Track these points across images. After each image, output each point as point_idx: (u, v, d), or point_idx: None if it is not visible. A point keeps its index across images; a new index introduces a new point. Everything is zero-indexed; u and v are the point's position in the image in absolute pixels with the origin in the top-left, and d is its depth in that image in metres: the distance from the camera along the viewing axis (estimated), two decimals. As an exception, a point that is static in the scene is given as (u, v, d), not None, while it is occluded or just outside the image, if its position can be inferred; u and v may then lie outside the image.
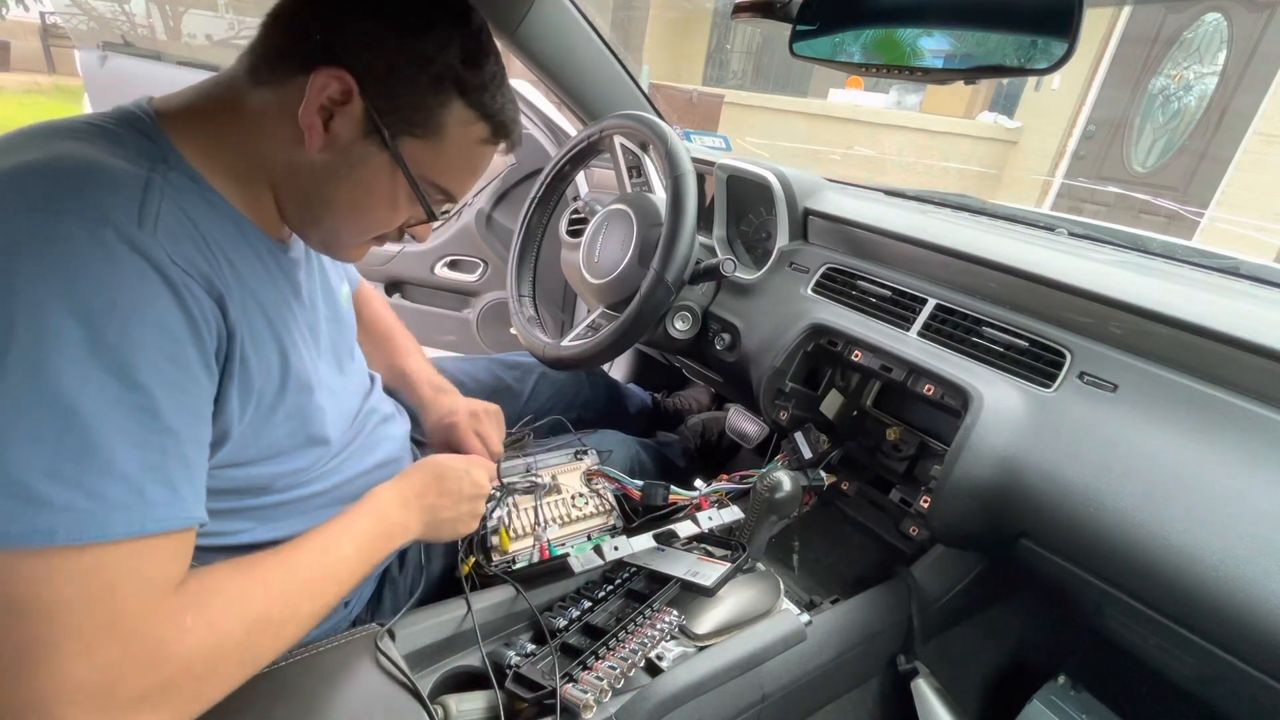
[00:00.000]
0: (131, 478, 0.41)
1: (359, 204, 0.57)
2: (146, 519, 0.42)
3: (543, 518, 0.81)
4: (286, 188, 0.56)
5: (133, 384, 0.42)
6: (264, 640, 0.48)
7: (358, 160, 0.54)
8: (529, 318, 1.18)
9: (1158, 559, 0.60)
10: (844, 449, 0.97)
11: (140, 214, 0.45)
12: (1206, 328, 0.65)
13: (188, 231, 0.47)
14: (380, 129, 0.53)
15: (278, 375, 0.56)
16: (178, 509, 0.44)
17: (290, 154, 0.54)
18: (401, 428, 0.82)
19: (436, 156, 0.56)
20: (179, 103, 0.54)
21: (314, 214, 0.57)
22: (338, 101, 0.51)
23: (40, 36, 8.56)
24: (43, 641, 0.38)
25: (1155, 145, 5.27)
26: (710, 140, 1.66)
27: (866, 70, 0.73)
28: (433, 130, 0.55)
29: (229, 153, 0.53)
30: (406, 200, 0.57)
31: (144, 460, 0.42)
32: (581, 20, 1.23)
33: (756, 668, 0.70)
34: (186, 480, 0.45)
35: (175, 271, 0.45)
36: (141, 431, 0.42)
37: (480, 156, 0.59)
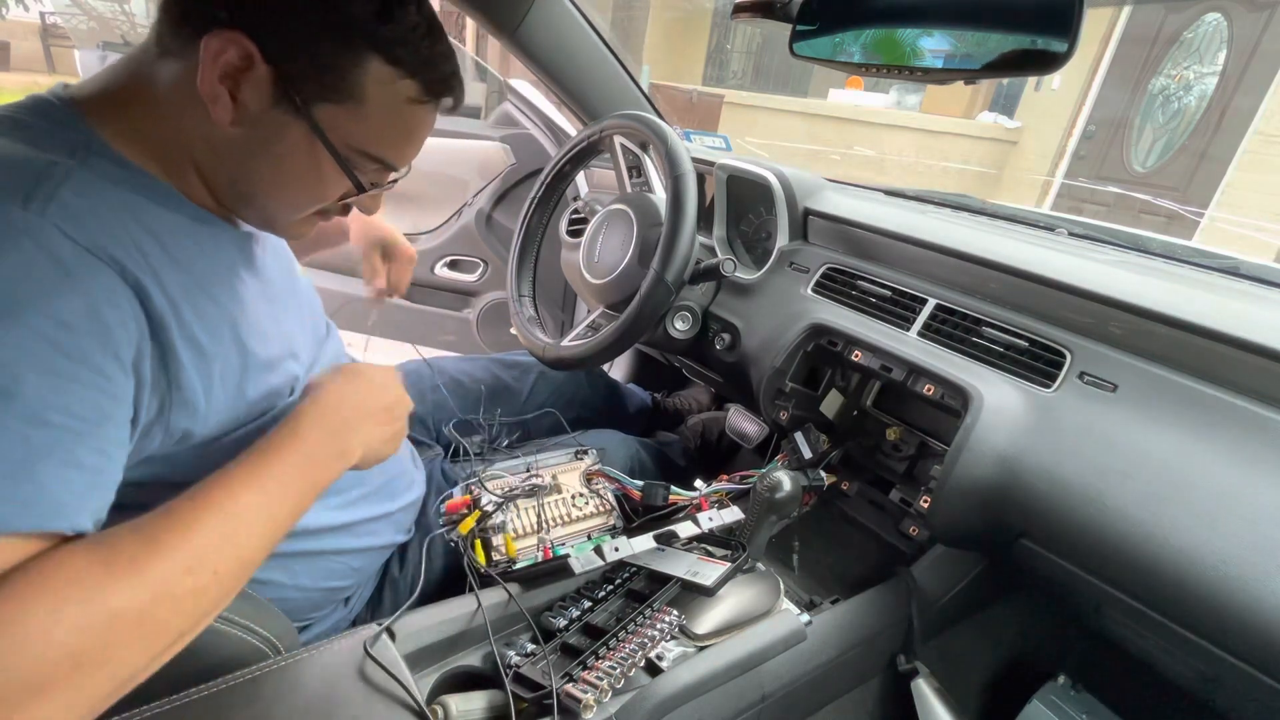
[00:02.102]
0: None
1: (283, 178, 0.53)
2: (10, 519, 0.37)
3: (544, 518, 0.81)
4: (208, 166, 0.52)
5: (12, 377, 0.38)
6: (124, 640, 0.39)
7: (273, 132, 0.50)
8: (529, 318, 1.18)
9: (1158, 559, 0.60)
10: (844, 449, 0.96)
11: (28, 193, 0.42)
12: (1206, 328, 0.65)
13: (100, 215, 0.44)
14: (290, 96, 0.48)
15: (235, 353, 0.54)
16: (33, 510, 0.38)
17: (204, 129, 0.50)
18: None
19: (359, 122, 0.51)
20: (93, 87, 0.51)
21: (241, 191, 0.54)
22: (240, 69, 0.47)
23: (40, 36, 8.56)
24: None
25: (1155, 145, 5.27)
26: (710, 140, 1.66)
27: (866, 70, 0.73)
28: (349, 94, 0.50)
29: (149, 133, 0.50)
30: (334, 172, 0.53)
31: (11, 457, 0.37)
32: (581, 20, 1.23)
33: (756, 668, 0.70)
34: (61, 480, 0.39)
35: (70, 252, 0.41)
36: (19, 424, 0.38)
37: (415, 118, 0.54)
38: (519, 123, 1.76)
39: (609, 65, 1.32)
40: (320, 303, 0.76)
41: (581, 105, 1.36)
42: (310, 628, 0.70)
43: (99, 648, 0.37)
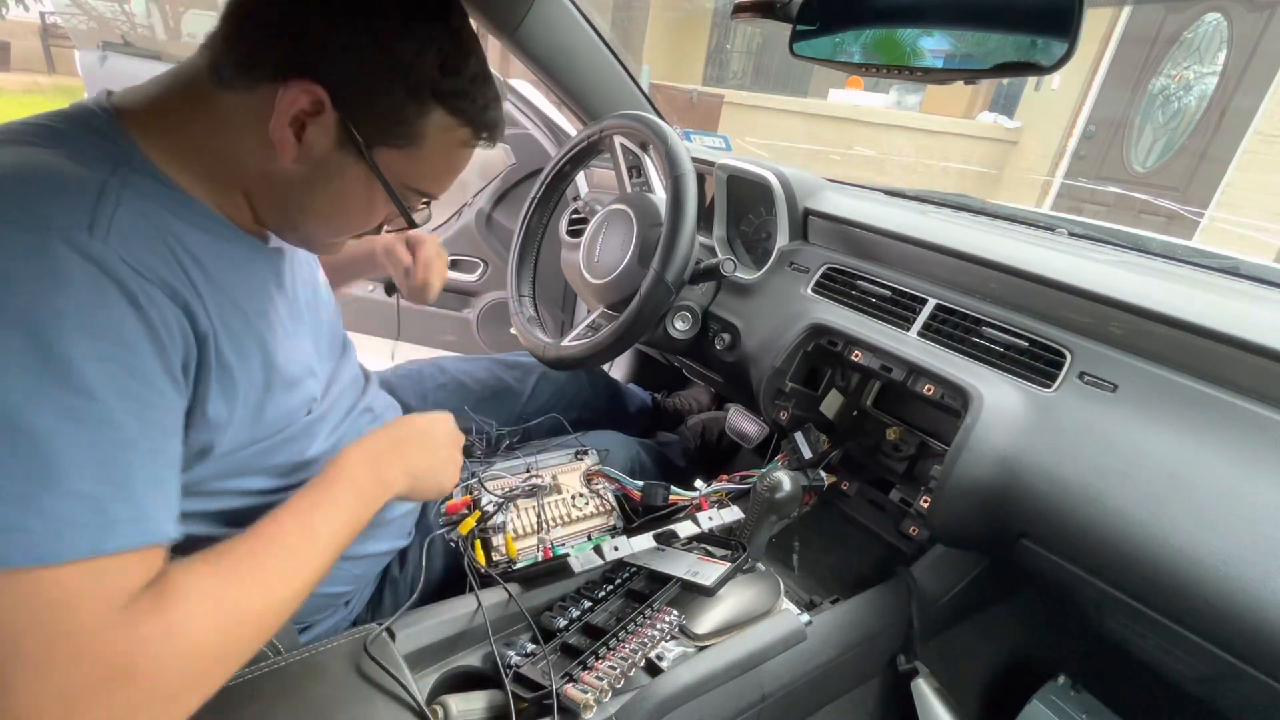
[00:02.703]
0: (88, 495, 0.39)
1: (336, 211, 0.56)
2: (105, 538, 0.39)
3: (544, 518, 0.81)
4: (261, 195, 0.54)
5: (88, 396, 0.40)
6: (242, 637, 0.45)
7: (333, 171, 0.52)
8: (529, 318, 1.18)
9: (1157, 559, 0.60)
10: (844, 449, 0.97)
11: (92, 219, 0.42)
12: (1206, 328, 0.65)
13: (148, 236, 0.45)
14: (355, 140, 0.51)
15: (261, 373, 0.55)
16: (141, 526, 0.41)
17: (263, 162, 0.52)
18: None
19: (416, 164, 0.54)
20: (140, 100, 0.51)
21: (291, 220, 0.56)
22: (310, 113, 0.49)
23: (40, 36, 8.56)
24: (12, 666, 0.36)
25: (1155, 145, 5.27)
26: (710, 140, 1.66)
27: (866, 70, 0.73)
28: (410, 140, 0.52)
29: (199, 156, 0.51)
30: (384, 204, 0.56)
31: (102, 476, 0.40)
32: (581, 20, 1.23)
33: (756, 668, 0.70)
34: (153, 495, 0.43)
35: (132, 279, 0.43)
36: (99, 446, 0.40)
37: (461, 158, 0.57)
38: (519, 123, 1.76)
39: (609, 65, 1.32)
40: (341, 317, 0.76)
41: (581, 105, 1.36)
42: (310, 629, 0.70)
43: (234, 644, 0.45)
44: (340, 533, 0.54)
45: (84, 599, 0.39)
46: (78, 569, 0.39)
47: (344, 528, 0.55)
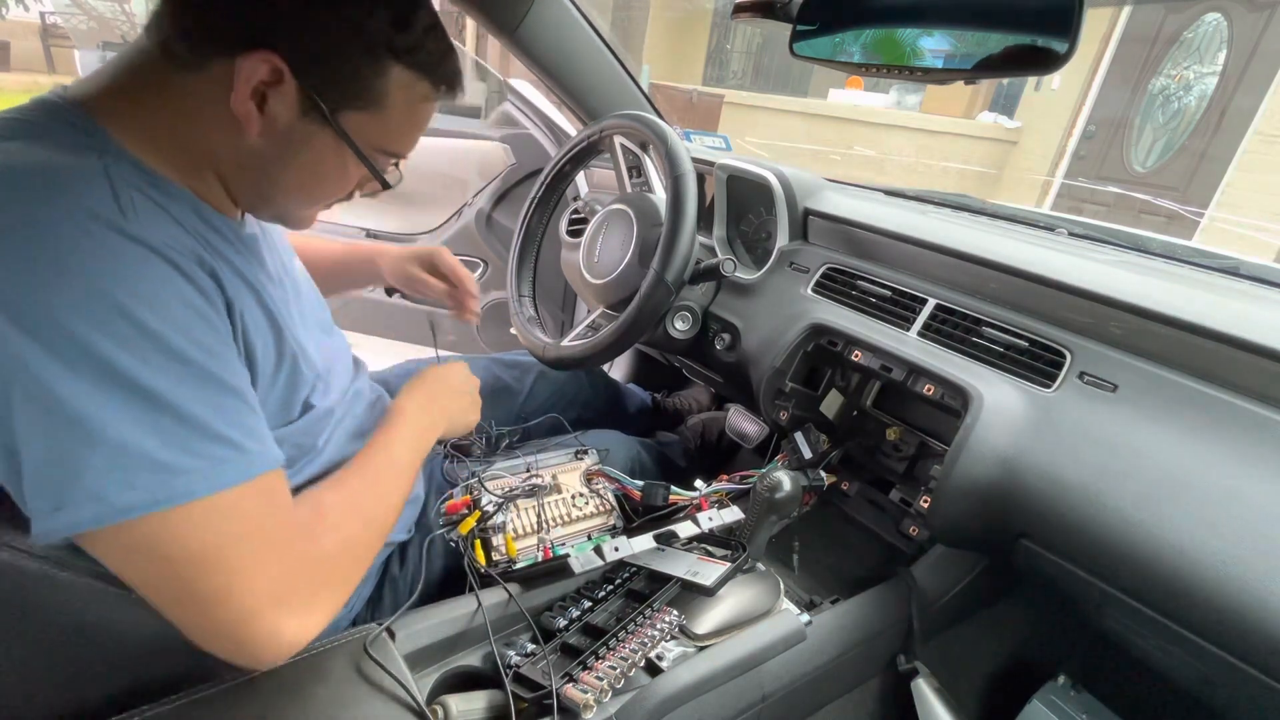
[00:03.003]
0: (223, 436, 0.46)
1: (309, 181, 0.57)
2: (252, 465, 0.47)
3: (544, 518, 0.81)
4: (233, 173, 0.54)
5: (186, 360, 0.45)
6: (373, 531, 0.59)
7: (301, 140, 0.52)
8: (529, 318, 1.18)
9: (1158, 559, 0.60)
10: (844, 449, 0.97)
11: (118, 203, 0.45)
12: (1206, 328, 0.65)
13: (161, 214, 0.47)
14: (319, 107, 0.51)
15: (274, 347, 0.57)
16: (268, 452, 0.49)
17: (230, 139, 0.51)
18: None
19: (382, 124, 0.54)
20: (97, 89, 0.51)
21: (265, 195, 0.57)
22: (269, 83, 0.49)
23: (40, 36, 8.55)
24: (227, 573, 0.45)
25: (1155, 145, 5.27)
26: (710, 140, 1.66)
27: (866, 70, 0.73)
28: (374, 100, 0.53)
29: (165, 139, 0.51)
30: (355, 169, 0.56)
31: (227, 420, 0.47)
32: (581, 20, 1.23)
33: (756, 668, 0.70)
34: (262, 429, 0.50)
35: (172, 253, 0.46)
36: (214, 397, 0.46)
37: (425, 113, 0.58)
38: (519, 123, 1.76)
39: (609, 65, 1.32)
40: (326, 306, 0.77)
41: (581, 105, 1.36)
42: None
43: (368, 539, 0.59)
44: (414, 461, 0.68)
45: (262, 511, 0.48)
46: (246, 490, 0.47)
47: (414, 456, 0.69)
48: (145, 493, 0.42)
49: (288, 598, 0.48)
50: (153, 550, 0.44)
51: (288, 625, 0.48)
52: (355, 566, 0.56)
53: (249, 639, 0.47)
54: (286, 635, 0.48)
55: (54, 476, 0.41)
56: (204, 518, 0.45)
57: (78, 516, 0.42)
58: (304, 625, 0.49)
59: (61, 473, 0.41)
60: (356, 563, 0.57)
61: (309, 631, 0.50)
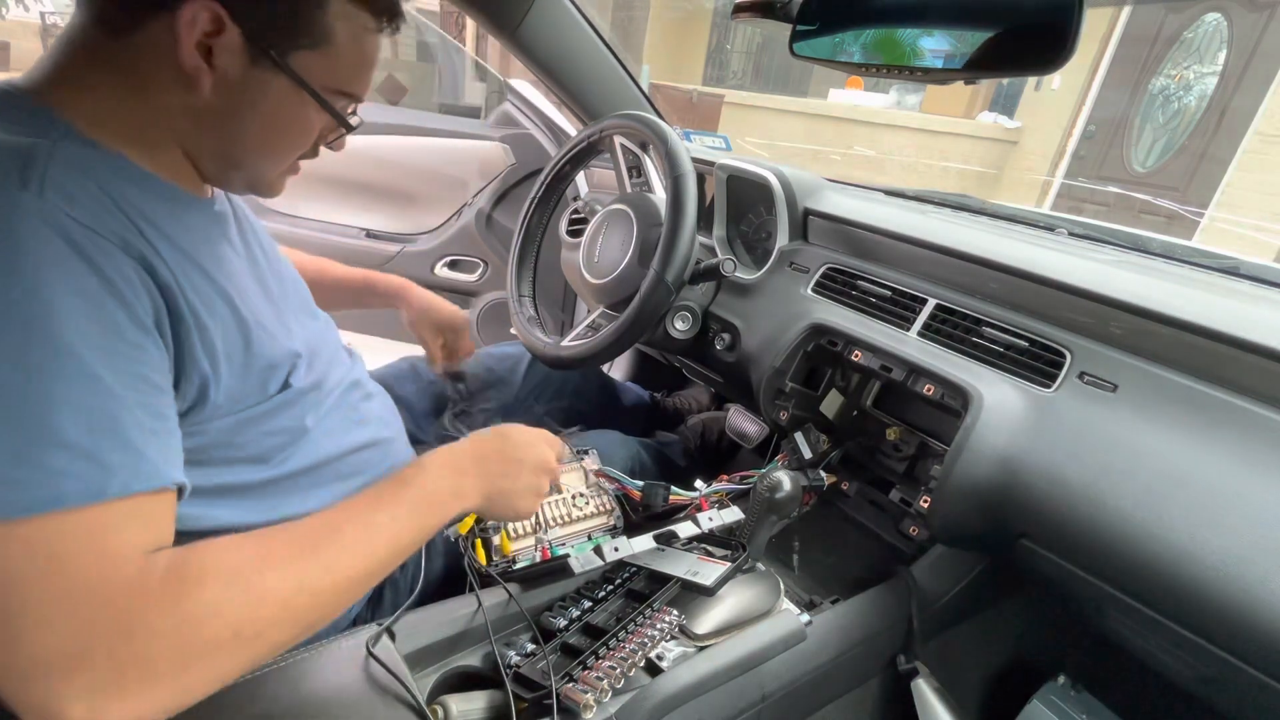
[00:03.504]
0: (79, 445, 0.39)
1: (272, 134, 0.55)
2: (105, 484, 0.40)
3: (544, 518, 0.81)
4: (193, 139, 0.53)
5: (62, 351, 0.39)
6: (266, 619, 0.43)
7: (256, 91, 0.51)
8: (529, 318, 1.18)
9: (1158, 559, 0.60)
10: (844, 449, 0.96)
11: (23, 177, 0.42)
12: (1206, 328, 0.65)
13: (89, 192, 0.45)
14: (266, 52, 0.49)
15: (236, 330, 0.54)
16: (143, 470, 0.41)
17: (184, 102, 0.50)
18: (386, 406, 0.81)
19: (332, 63, 0.53)
20: (42, 75, 0.50)
21: (231, 157, 0.55)
22: (212, 34, 0.47)
23: (40, 36, 8.56)
24: (8, 614, 0.37)
25: (1155, 145, 5.27)
26: (710, 140, 1.66)
27: (866, 70, 0.73)
28: (319, 36, 0.51)
29: (119, 114, 0.49)
30: (316, 116, 0.55)
31: (92, 425, 0.40)
32: (581, 20, 1.24)
33: (756, 668, 0.70)
34: (151, 443, 0.43)
35: (79, 233, 0.42)
36: (84, 397, 0.40)
37: (372, 47, 0.56)
38: (519, 123, 1.76)
39: (609, 65, 1.32)
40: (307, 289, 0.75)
41: (581, 105, 1.36)
42: (310, 627, 0.70)
43: (253, 624, 0.43)
44: (402, 536, 0.54)
45: (87, 547, 0.39)
46: (78, 517, 0.39)
47: (406, 532, 0.54)
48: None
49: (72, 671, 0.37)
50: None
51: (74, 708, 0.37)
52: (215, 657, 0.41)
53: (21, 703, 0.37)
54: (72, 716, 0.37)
55: None
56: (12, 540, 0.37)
57: None
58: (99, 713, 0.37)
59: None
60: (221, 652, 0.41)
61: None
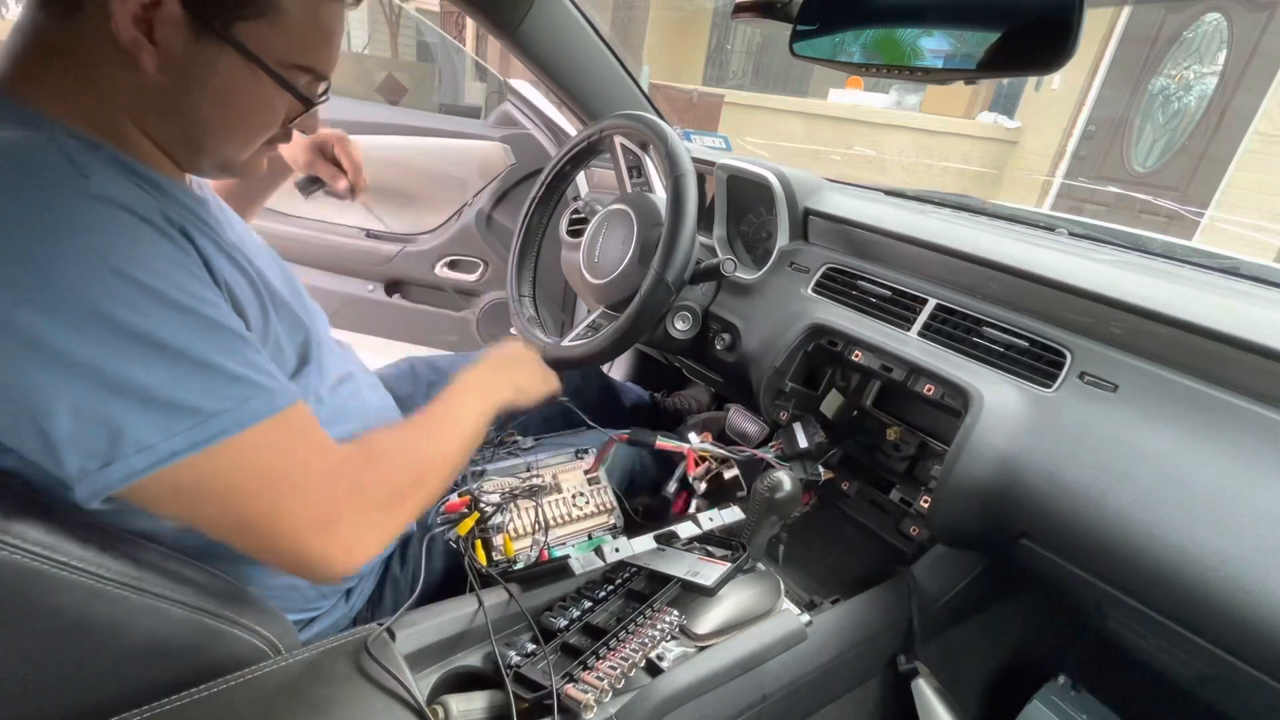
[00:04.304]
0: (243, 376, 0.48)
1: (230, 114, 0.53)
2: (274, 400, 0.49)
3: (542, 519, 0.81)
4: (150, 122, 0.51)
5: (183, 309, 0.46)
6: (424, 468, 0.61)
7: (205, 67, 0.49)
8: (529, 318, 1.18)
9: (1158, 559, 0.60)
10: (844, 449, 0.96)
11: (76, 168, 0.45)
12: (1206, 328, 0.65)
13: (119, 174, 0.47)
14: (208, 23, 0.47)
15: (257, 301, 0.57)
16: (285, 387, 0.51)
17: (130, 81, 0.49)
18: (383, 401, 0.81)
19: (284, 35, 0.51)
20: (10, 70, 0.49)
21: (193, 140, 0.54)
22: (150, 5, 0.46)
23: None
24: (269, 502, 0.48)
25: (1155, 145, 5.26)
26: (710, 140, 1.66)
27: (866, 70, 0.73)
28: (265, 5, 0.49)
29: (86, 104, 0.49)
30: (277, 95, 0.53)
31: (240, 361, 0.48)
32: (581, 20, 1.24)
33: (757, 668, 0.70)
34: (272, 366, 0.51)
35: (139, 208, 0.46)
36: (221, 341, 0.47)
37: (330, 16, 0.53)
38: (519, 123, 1.76)
39: (609, 65, 1.32)
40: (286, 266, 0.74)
41: (581, 105, 1.36)
42: (311, 625, 0.70)
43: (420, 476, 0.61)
44: (477, 419, 0.71)
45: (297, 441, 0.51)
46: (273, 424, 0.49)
47: (478, 416, 0.71)
48: (184, 437, 0.44)
49: (332, 521, 0.51)
50: (201, 490, 0.46)
51: (336, 548, 0.51)
52: (403, 498, 0.58)
53: (305, 560, 0.50)
54: (337, 557, 0.51)
55: (94, 436, 0.43)
56: (241, 454, 0.47)
57: (129, 469, 0.43)
58: (353, 547, 0.52)
59: (101, 431, 0.43)
60: (404, 495, 0.58)
61: (361, 553, 0.53)
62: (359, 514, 0.53)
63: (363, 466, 0.56)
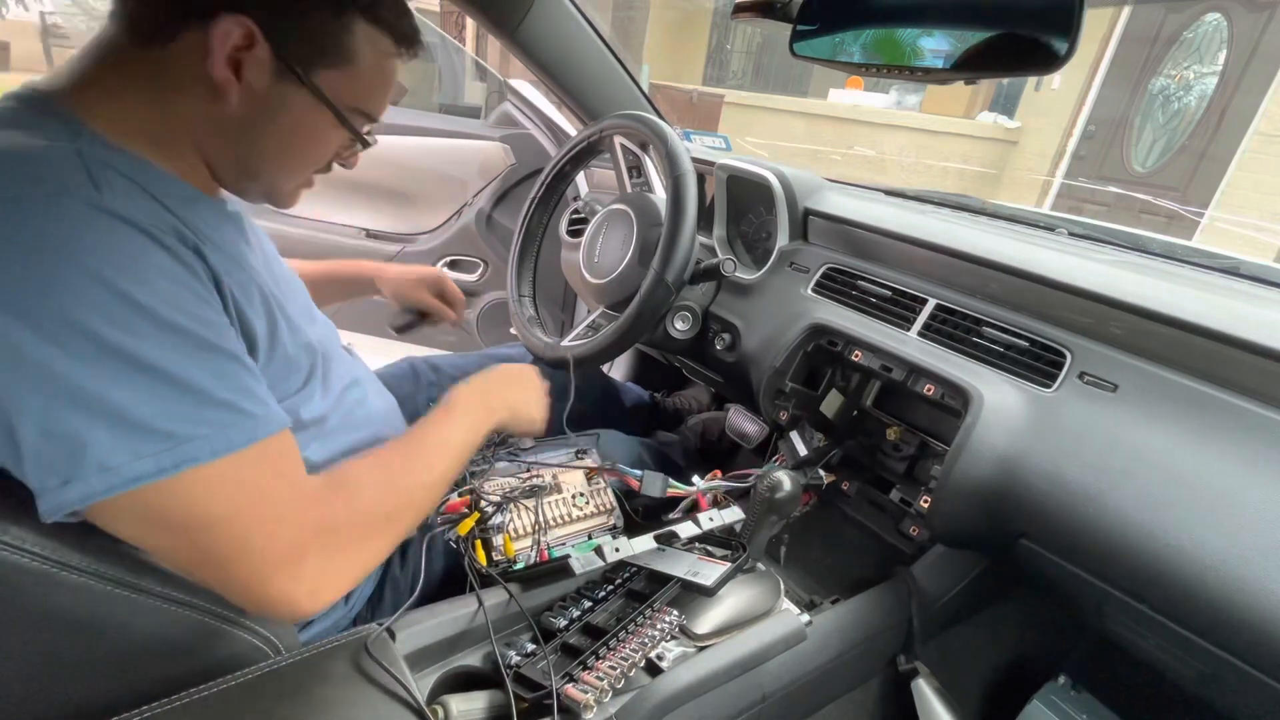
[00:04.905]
0: (227, 401, 0.47)
1: (291, 147, 0.57)
2: (256, 429, 0.48)
3: (542, 519, 0.80)
4: (213, 147, 0.55)
5: (176, 329, 0.45)
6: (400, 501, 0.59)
7: (278, 104, 0.53)
8: (529, 318, 1.18)
9: (1157, 559, 0.60)
10: (844, 449, 0.96)
11: (92, 180, 0.45)
12: (1206, 328, 0.65)
13: (138, 191, 0.48)
14: (293, 68, 0.52)
15: (266, 321, 0.57)
16: (271, 414, 0.50)
17: (208, 111, 0.52)
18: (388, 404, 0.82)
19: (353, 82, 0.56)
20: (65, 80, 0.51)
21: (249, 168, 0.57)
22: (243, 47, 0.50)
23: (40, 36, 8.54)
24: (235, 537, 0.46)
25: (1155, 145, 5.27)
26: (710, 140, 1.66)
27: (866, 70, 0.73)
28: (343, 57, 0.54)
29: (142, 121, 0.51)
30: (333, 132, 0.57)
31: (227, 385, 0.47)
32: (581, 20, 1.24)
33: (757, 668, 0.70)
34: (263, 392, 0.51)
35: (149, 226, 0.46)
36: (211, 363, 0.47)
37: (391, 71, 0.59)
38: (519, 123, 1.76)
39: (609, 65, 1.32)
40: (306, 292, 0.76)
41: (581, 105, 1.36)
42: (310, 625, 0.70)
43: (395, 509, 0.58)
44: (464, 443, 0.68)
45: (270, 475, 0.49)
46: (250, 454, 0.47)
47: (465, 439, 0.68)
48: (152, 461, 0.43)
49: (297, 562, 0.49)
50: (163, 517, 0.45)
51: (299, 589, 0.49)
52: (376, 536, 0.56)
53: (264, 600, 0.49)
54: (301, 599, 0.49)
55: (58, 451, 0.42)
56: (210, 483, 0.46)
57: (88, 489, 0.42)
58: (319, 589, 0.50)
59: (66, 447, 0.42)
60: (377, 532, 0.56)
61: (324, 596, 0.51)
62: (327, 554, 0.51)
63: (334, 502, 0.53)
